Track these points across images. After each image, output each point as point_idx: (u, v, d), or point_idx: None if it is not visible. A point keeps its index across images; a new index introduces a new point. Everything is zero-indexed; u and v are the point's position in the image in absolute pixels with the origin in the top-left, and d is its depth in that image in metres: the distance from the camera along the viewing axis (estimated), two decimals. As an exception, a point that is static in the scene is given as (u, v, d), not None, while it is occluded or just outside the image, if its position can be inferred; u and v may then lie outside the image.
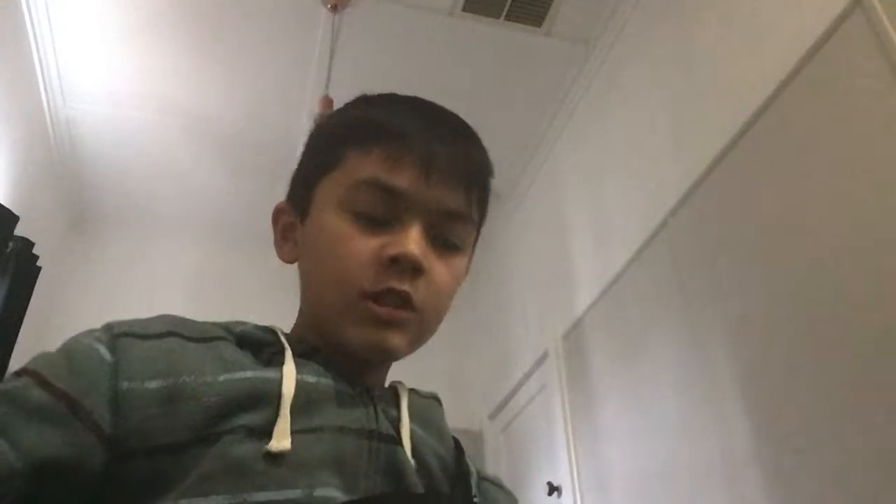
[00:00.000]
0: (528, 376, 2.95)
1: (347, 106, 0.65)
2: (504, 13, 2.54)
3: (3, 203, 2.19)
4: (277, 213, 0.66)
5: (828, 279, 1.48)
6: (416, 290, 0.55)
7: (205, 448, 0.45)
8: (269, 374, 0.50)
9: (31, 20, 2.47)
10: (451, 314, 0.61)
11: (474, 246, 0.65)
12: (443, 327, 0.60)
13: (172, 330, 0.51)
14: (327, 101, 2.36)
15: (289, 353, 0.53)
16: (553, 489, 2.54)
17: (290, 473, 0.46)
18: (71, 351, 0.49)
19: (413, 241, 0.54)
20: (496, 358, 3.31)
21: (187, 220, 3.52)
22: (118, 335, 0.49)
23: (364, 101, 0.64)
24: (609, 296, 2.39)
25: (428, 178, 0.56)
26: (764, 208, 1.71)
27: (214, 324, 0.56)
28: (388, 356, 0.57)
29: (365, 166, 0.57)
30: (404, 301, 0.54)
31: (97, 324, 0.52)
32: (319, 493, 0.46)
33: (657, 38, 2.32)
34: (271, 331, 0.57)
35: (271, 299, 3.08)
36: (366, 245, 0.55)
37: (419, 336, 0.58)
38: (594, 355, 2.46)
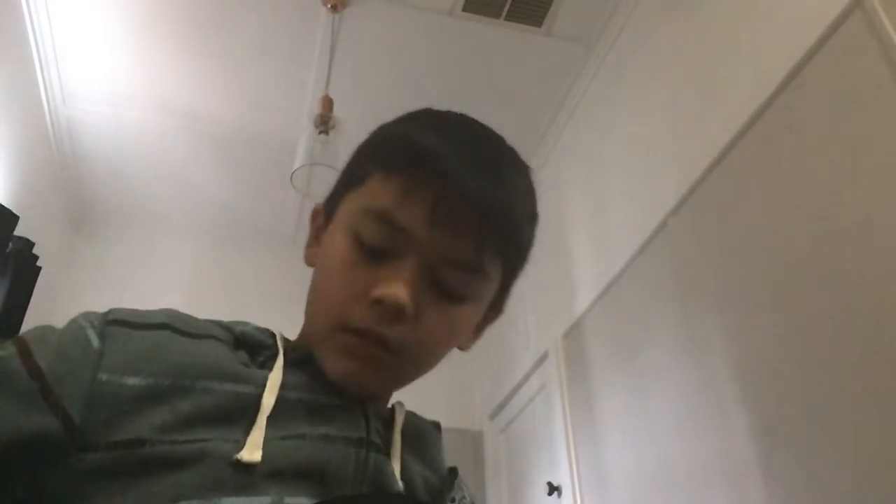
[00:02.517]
0: (528, 376, 2.95)
1: (403, 116, 0.62)
2: (504, 13, 2.54)
3: (3, 203, 2.19)
4: (314, 215, 0.64)
5: (828, 279, 1.48)
6: (398, 334, 0.52)
7: (173, 451, 0.45)
8: (249, 387, 0.49)
9: (31, 20, 2.47)
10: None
11: (503, 292, 0.62)
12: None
13: (167, 322, 0.51)
14: (327, 101, 2.36)
15: (279, 362, 0.53)
16: (553, 489, 2.54)
17: (261, 481, 0.45)
18: (65, 331, 0.49)
19: (401, 284, 0.52)
20: (496, 358, 3.31)
21: (187, 220, 3.52)
22: (111, 322, 0.49)
23: (410, 117, 0.61)
24: (609, 296, 2.39)
25: (434, 220, 0.52)
26: (764, 208, 1.71)
27: (215, 322, 0.55)
28: (359, 389, 0.54)
29: (381, 194, 0.54)
30: (380, 341, 0.53)
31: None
32: (289, 501, 0.45)
33: (657, 38, 2.32)
34: (270, 334, 0.57)
35: (270, 299, 3.08)
36: (357, 278, 0.53)
37: (398, 377, 0.56)
38: (594, 355, 2.46)
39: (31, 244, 2.34)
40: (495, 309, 0.63)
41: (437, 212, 0.52)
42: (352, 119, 2.43)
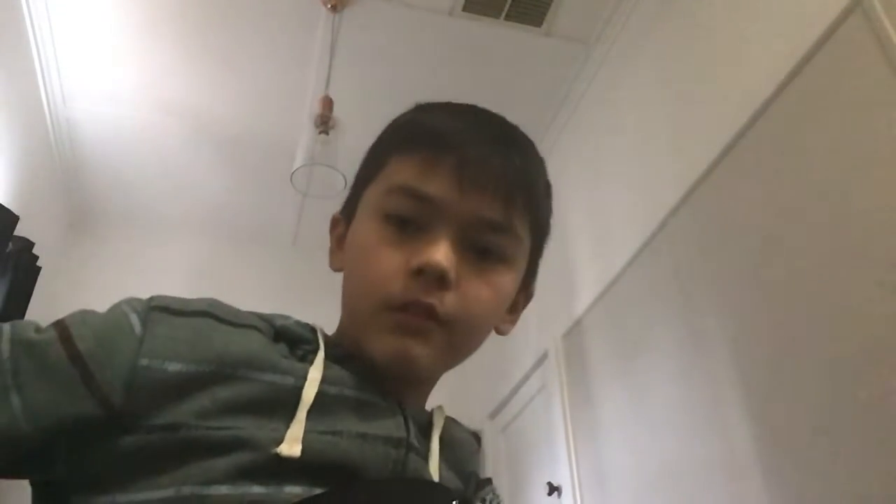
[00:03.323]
0: (527, 376, 2.95)
1: (403, 112, 0.64)
2: (504, 13, 2.54)
3: (3, 203, 2.19)
4: (333, 224, 0.65)
5: (828, 279, 1.48)
6: (444, 303, 0.52)
7: (208, 436, 0.45)
8: (290, 379, 0.49)
9: (31, 20, 2.47)
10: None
11: (533, 267, 0.63)
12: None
13: (208, 311, 0.51)
14: (327, 101, 2.36)
15: (320, 356, 0.52)
16: (553, 489, 2.54)
17: (294, 472, 0.45)
18: (107, 316, 0.50)
19: (440, 251, 0.52)
20: (496, 358, 3.31)
21: (187, 220, 3.52)
22: (153, 308, 0.49)
23: (416, 108, 0.63)
24: (609, 296, 2.39)
25: (461, 184, 0.54)
26: (764, 208, 1.71)
27: (255, 314, 0.55)
28: (410, 367, 0.53)
29: (400, 172, 0.56)
30: (429, 312, 0.52)
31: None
32: (318, 491, 0.46)
33: (657, 38, 2.32)
34: (311, 329, 0.56)
35: (270, 298, 3.07)
36: (393, 254, 0.54)
37: (448, 350, 0.55)
38: (594, 355, 2.47)
39: (31, 244, 2.35)
40: (526, 291, 0.64)
41: (463, 176, 0.54)
42: (352, 119, 2.43)
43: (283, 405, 0.48)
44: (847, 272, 1.43)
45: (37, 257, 2.39)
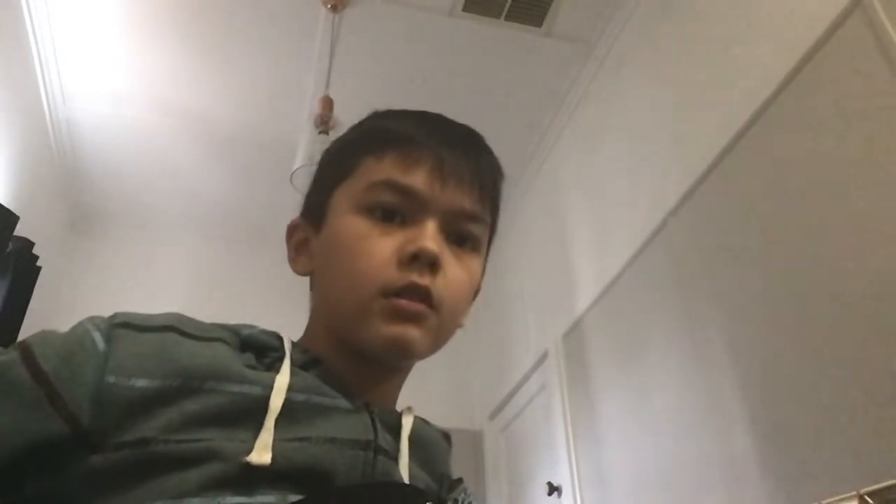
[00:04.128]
0: (527, 376, 2.95)
1: (361, 121, 0.68)
2: (504, 13, 2.54)
3: (3, 203, 2.19)
4: (291, 230, 0.67)
5: (828, 279, 1.48)
6: (435, 286, 0.56)
7: (178, 450, 0.45)
8: (257, 389, 0.50)
9: (31, 20, 2.47)
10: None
11: (488, 251, 0.66)
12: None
13: (172, 325, 0.51)
14: (327, 101, 2.36)
15: (286, 364, 0.53)
16: (553, 489, 2.54)
17: (265, 481, 0.46)
18: (70, 334, 0.49)
19: (430, 238, 0.56)
20: (496, 358, 3.32)
21: (187, 220, 3.52)
22: (117, 325, 0.50)
23: (375, 115, 0.67)
24: (609, 296, 2.39)
25: (442, 179, 0.58)
26: (764, 208, 1.71)
27: (220, 325, 0.55)
28: (408, 351, 0.55)
29: (379, 170, 0.59)
30: (424, 296, 0.55)
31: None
32: (293, 498, 0.46)
33: (657, 38, 2.32)
34: (277, 336, 0.57)
35: (270, 299, 3.08)
36: (384, 243, 0.56)
37: (437, 334, 0.58)
38: (594, 355, 2.47)
39: (31, 244, 2.35)
40: (484, 263, 0.68)
41: (443, 170, 0.58)
42: (352, 119, 2.42)
43: (251, 415, 0.48)
44: (847, 272, 1.43)
45: (37, 257, 2.39)
